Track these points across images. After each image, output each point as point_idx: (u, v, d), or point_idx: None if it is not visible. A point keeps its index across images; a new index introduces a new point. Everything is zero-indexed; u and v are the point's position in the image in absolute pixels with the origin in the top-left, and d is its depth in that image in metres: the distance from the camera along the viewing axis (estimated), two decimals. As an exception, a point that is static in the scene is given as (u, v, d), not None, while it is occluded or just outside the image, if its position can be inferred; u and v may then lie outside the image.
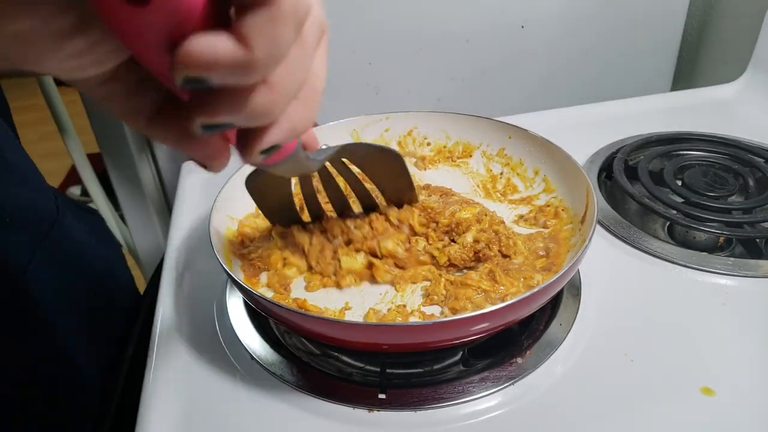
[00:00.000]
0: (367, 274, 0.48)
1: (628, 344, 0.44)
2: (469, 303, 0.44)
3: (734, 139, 0.66)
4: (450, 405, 0.41)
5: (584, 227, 0.48)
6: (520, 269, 0.47)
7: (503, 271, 0.47)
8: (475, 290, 0.45)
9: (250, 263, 0.50)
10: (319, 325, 0.40)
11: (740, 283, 0.49)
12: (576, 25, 0.90)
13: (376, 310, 0.45)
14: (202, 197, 0.65)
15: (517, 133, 0.59)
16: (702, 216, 0.54)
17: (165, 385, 0.43)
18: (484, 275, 0.46)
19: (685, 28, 0.95)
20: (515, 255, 0.49)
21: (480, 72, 0.90)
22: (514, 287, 0.45)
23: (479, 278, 0.46)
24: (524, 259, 0.49)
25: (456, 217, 0.50)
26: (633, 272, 0.51)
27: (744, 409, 0.39)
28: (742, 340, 0.44)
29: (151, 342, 0.47)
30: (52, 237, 0.54)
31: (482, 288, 0.46)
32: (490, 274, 0.46)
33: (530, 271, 0.47)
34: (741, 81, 0.79)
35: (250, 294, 0.41)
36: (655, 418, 0.39)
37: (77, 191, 2.11)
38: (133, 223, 0.93)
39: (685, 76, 1.01)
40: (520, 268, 0.47)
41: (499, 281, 0.46)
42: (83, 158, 0.91)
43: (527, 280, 0.46)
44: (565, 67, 0.93)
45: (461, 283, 0.46)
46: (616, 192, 0.62)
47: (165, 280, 0.54)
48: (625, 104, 0.79)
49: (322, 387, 0.42)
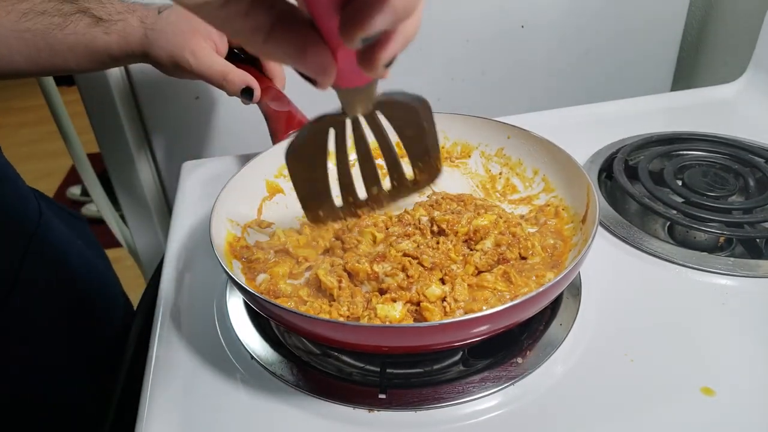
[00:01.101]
0: (409, 317, 0.45)
1: (628, 344, 0.44)
2: (486, 304, 0.44)
3: (734, 139, 0.66)
4: (450, 405, 0.41)
5: (586, 227, 0.48)
6: (533, 268, 0.47)
7: (517, 271, 0.47)
8: (491, 292, 0.45)
9: (250, 266, 0.50)
10: (318, 326, 0.40)
11: (740, 283, 0.49)
12: (576, 25, 0.90)
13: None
14: (202, 197, 0.65)
15: (515, 133, 0.59)
16: (702, 216, 0.54)
17: (165, 386, 0.43)
18: (499, 276, 0.46)
19: (685, 28, 0.95)
20: (532, 256, 0.49)
21: (480, 72, 0.90)
22: (528, 287, 0.45)
23: (494, 280, 0.46)
24: (540, 259, 0.49)
25: (473, 224, 0.50)
26: (633, 272, 0.51)
27: (744, 409, 0.39)
28: (742, 340, 0.44)
29: (151, 342, 0.47)
30: (38, 238, 0.54)
31: (498, 289, 0.45)
32: (505, 275, 0.47)
33: (543, 270, 0.47)
34: (741, 81, 0.79)
35: (252, 295, 0.40)
36: (655, 418, 0.39)
37: (77, 191, 2.11)
38: (133, 223, 0.93)
39: (685, 76, 1.01)
40: (533, 267, 0.47)
41: (515, 282, 0.46)
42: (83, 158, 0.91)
43: (539, 279, 0.46)
44: (565, 68, 0.93)
45: (477, 285, 0.46)
46: (617, 192, 0.62)
47: (165, 280, 0.54)
48: (625, 104, 0.79)
49: (322, 387, 0.42)
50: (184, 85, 0.80)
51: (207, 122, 0.85)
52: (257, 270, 0.50)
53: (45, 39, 0.56)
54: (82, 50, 0.57)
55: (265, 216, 0.56)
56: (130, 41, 0.58)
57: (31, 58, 0.57)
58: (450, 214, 0.51)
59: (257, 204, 0.56)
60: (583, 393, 0.41)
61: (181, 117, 0.84)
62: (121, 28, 0.57)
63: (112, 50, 0.58)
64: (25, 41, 0.56)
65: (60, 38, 0.56)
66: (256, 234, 0.54)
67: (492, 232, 0.49)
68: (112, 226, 0.99)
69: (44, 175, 2.32)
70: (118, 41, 0.57)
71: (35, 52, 0.57)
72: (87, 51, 0.58)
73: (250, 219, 0.54)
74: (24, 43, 0.56)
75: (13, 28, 0.55)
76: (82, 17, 0.57)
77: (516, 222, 0.51)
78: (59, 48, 0.57)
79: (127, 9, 0.59)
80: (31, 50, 0.56)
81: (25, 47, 0.56)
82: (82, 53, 0.58)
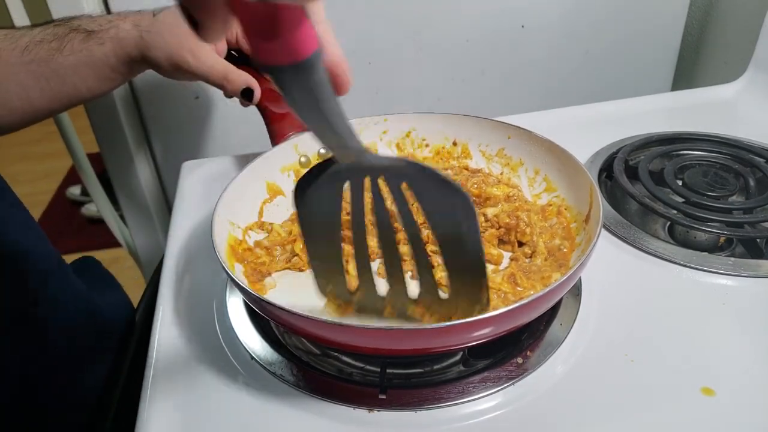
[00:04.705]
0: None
1: (628, 344, 0.44)
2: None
3: (734, 139, 0.66)
4: (450, 405, 0.40)
5: (589, 226, 0.48)
6: (540, 269, 0.47)
7: (524, 273, 0.47)
8: (495, 292, 0.45)
9: (256, 268, 0.50)
10: (318, 327, 0.40)
11: (740, 283, 0.49)
12: (576, 25, 0.90)
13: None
14: (202, 197, 0.65)
15: (517, 133, 0.59)
16: (702, 216, 0.54)
17: (165, 386, 0.43)
18: (506, 278, 0.46)
19: (685, 28, 0.95)
20: (535, 255, 0.49)
21: (480, 72, 0.90)
22: (534, 289, 0.45)
23: (501, 281, 0.46)
24: (544, 258, 0.49)
25: (485, 191, 0.48)
26: (633, 272, 0.51)
27: (744, 409, 0.39)
28: (742, 340, 0.44)
29: (150, 342, 0.47)
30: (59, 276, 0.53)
31: (503, 290, 0.45)
32: (512, 277, 0.46)
33: (549, 271, 0.47)
34: (741, 81, 0.79)
35: (252, 295, 0.40)
36: (655, 418, 0.39)
37: (77, 191, 2.11)
38: (133, 223, 0.93)
39: (685, 76, 1.01)
40: (540, 268, 0.47)
41: (520, 283, 0.46)
42: (83, 158, 0.91)
43: (545, 280, 0.46)
44: (565, 67, 0.93)
45: None
46: (617, 192, 0.62)
47: (165, 280, 0.54)
48: (625, 104, 0.79)
49: (322, 387, 0.42)
50: (183, 86, 0.80)
51: (207, 122, 0.85)
52: (263, 273, 0.50)
53: (49, 66, 0.57)
54: (83, 69, 0.58)
55: (265, 218, 0.56)
56: (125, 46, 0.57)
57: (43, 91, 0.58)
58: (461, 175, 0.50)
59: (258, 206, 0.56)
60: (583, 393, 0.41)
61: (180, 117, 0.84)
62: (113, 34, 0.57)
63: (110, 60, 0.58)
64: (32, 73, 0.57)
65: (61, 61, 0.57)
66: (257, 237, 0.54)
67: (501, 203, 0.48)
68: (111, 226, 0.99)
69: (44, 175, 2.32)
70: (114, 48, 0.57)
71: (45, 83, 0.57)
72: (88, 68, 0.58)
73: (251, 221, 0.54)
74: (32, 75, 0.57)
75: (19, 62, 0.56)
76: (76, 35, 0.57)
77: (527, 208, 0.51)
78: (64, 72, 0.57)
79: (117, 17, 0.59)
80: (40, 81, 0.57)
81: (34, 79, 0.57)
82: (85, 72, 0.58)
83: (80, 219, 2.02)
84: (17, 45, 0.57)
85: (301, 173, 0.59)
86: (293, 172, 0.59)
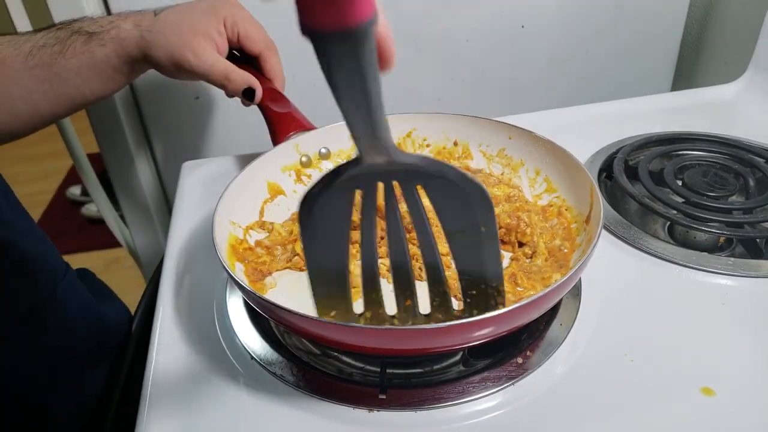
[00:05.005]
0: None
1: (628, 344, 0.44)
2: None
3: (734, 139, 0.66)
4: (450, 405, 0.40)
5: (590, 227, 0.48)
6: (540, 269, 0.47)
7: (525, 273, 0.47)
8: None
9: (256, 268, 0.50)
10: (319, 327, 0.40)
11: (740, 283, 0.49)
12: (576, 25, 0.90)
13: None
14: (202, 197, 0.65)
15: (517, 133, 0.59)
16: (702, 216, 0.54)
17: (165, 386, 0.43)
18: (506, 278, 0.46)
19: (685, 28, 0.95)
20: (536, 256, 0.49)
21: (480, 72, 0.90)
22: (534, 289, 0.45)
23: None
24: (545, 259, 0.49)
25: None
26: (633, 272, 0.51)
27: (744, 409, 0.39)
28: (742, 340, 0.44)
29: (150, 342, 0.47)
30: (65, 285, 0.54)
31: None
32: (512, 277, 0.46)
33: (549, 271, 0.47)
34: (741, 81, 0.79)
35: (252, 295, 0.40)
36: (655, 418, 0.39)
37: (77, 191, 2.11)
38: (133, 224, 0.93)
39: (685, 76, 1.01)
40: (541, 269, 0.47)
41: (521, 284, 0.46)
42: (83, 158, 0.91)
43: (546, 280, 0.46)
44: (565, 67, 0.93)
45: None
46: (617, 192, 0.62)
47: (165, 280, 0.54)
48: (625, 104, 0.79)
49: (322, 387, 0.42)
50: (184, 85, 0.80)
51: (207, 122, 0.85)
52: (263, 272, 0.50)
53: (52, 69, 0.57)
54: (86, 71, 0.58)
55: (266, 217, 0.56)
56: (126, 46, 0.57)
57: (46, 94, 0.58)
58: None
59: (259, 206, 0.56)
60: (583, 393, 0.41)
61: (181, 117, 0.84)
62: (114, 35, 0.57)
63: (112, 60, 0.58)
64: (36, 77, 0.57)
65: (63, 64, 0.57)
66: (258, 236, 0.54)
67: (501, 204, 0.48)
68: (111, 226, 0.99)
69: (44, 176, 2.32)
70: (115, 48, 0.57)
71: (48, 86, 0.58)
72: (90, 70, 0.58)
73: (252, 221, 0.54)
74: (36, 79, 0.57)
75: (23, 67, 0.57)
76: (77, 37, 0.58)
77: (527, 208, 0.51)
78: (67, 75, 0.58)
79: (119, 17, 0.59)
80: (44, 85, 0.57)
81: (37, 83, 0.57)
82: (87, 74, 0.58)
83: (80, 219, 2.02)
84: (21, 50, 0.57)
85: (302, 173, 0.60)
86: (294, 171, 0.59)
